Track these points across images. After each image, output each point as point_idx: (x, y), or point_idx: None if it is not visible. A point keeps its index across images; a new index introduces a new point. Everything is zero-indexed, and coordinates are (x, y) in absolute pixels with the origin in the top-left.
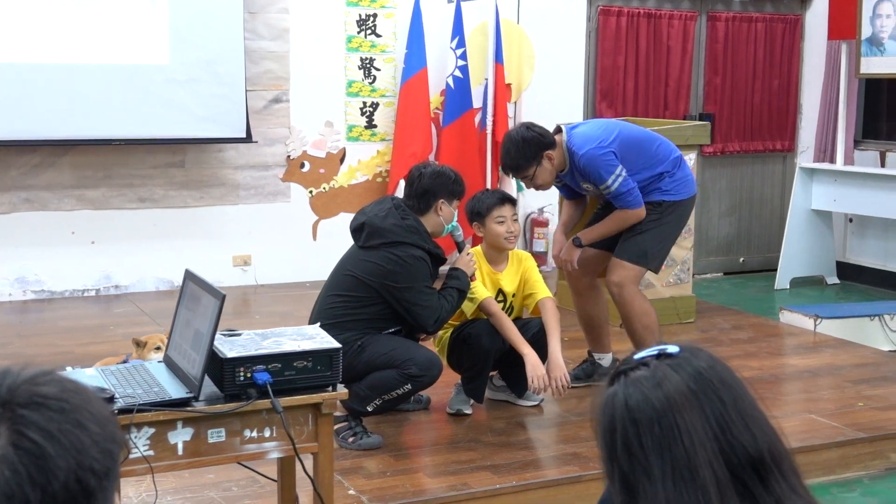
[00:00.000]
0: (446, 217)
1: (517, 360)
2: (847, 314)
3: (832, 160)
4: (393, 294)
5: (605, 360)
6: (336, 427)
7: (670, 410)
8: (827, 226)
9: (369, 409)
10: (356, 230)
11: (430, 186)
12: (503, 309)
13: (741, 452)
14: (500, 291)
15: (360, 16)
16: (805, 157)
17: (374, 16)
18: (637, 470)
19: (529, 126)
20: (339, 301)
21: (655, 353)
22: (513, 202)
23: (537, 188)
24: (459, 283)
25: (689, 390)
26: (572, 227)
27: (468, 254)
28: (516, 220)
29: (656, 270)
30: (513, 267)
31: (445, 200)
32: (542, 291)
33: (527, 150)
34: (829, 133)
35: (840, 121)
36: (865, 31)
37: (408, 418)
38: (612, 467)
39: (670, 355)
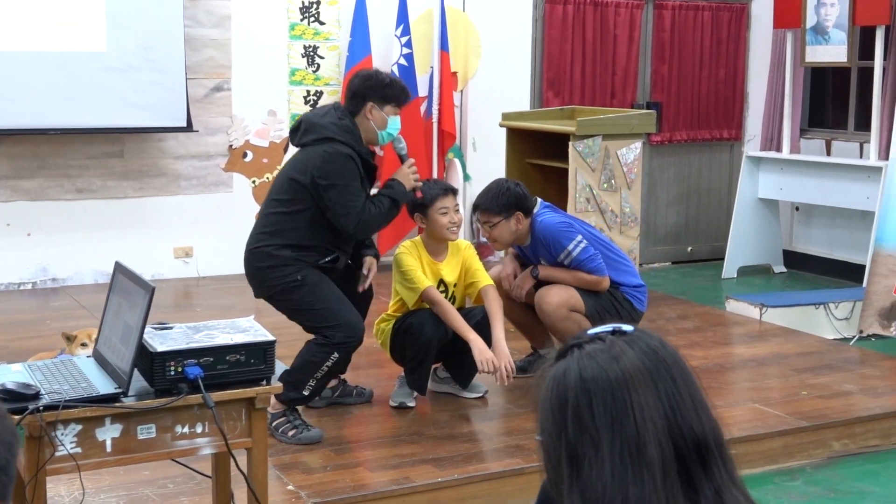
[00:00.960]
0: (377, 122)
1: (460, 350)
2: (793, 303)
3: (779, 149)
4: (320, 192)
5: (551, 353)
6: (275, 423)
7: (625, 384)
8: (774, 214)
9: (305, 392)
10: (294, 129)
11: (358, 89)
12: (447, 295)
13: (688, 434)
14: (442, 282)
15: (303, 3)
16: (752, 145)
17: (318, 3)
18: (585, 442)
19: (520, 184)
20: (278, 207)
21: (610, 329)
22: (455, 192)
23: (491, 241)
24: (393, 193)
25: (644, 367)
26: (517, 267)
27: (410, 167)
28: (458, 210)
29: (587, 315)
30: (453, 257)
31: (376, 105)
32: (484, 279)
33: (505, 199)
34: (775, 122)
35: (786, 109)
36: (810, 20)
37: (350, 412)
38: (557, 445)
39: (625, 332)
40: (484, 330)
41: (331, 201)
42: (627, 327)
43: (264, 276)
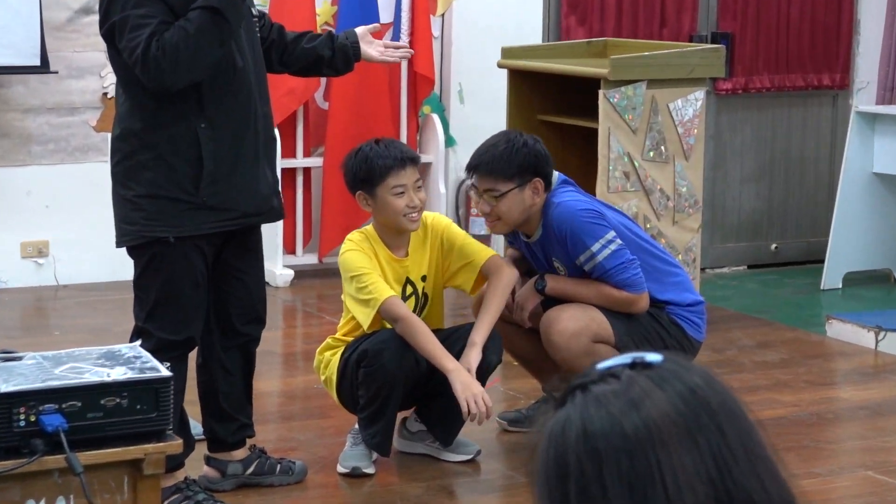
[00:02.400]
0: None
1: (440, 390)
2: None
3: (892, 101)
4: (118, 45)
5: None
6: (171, 499)
7: (649, 441)
8: (895, 197)
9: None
10: None
11: None
12: (413, 308)
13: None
14: (408, 281)
15: None
16: (864, 96)
17: None
18: None
19: (539, 140)
20: (118, 87)
21: (629, 361)
22: (415, 162)
23: (492, 219)
24: (208, 0)
25: (677, 414)
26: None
27: None
28: (421, 187)
29: (617, 347)
30: (421, 244)
31: None
32: (483, 252)
33: (521, 159)
34: None
35: None
36: None
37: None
38: None
39: (650, 365)
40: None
41: (122, 48)
42: (653, 357)
43: None
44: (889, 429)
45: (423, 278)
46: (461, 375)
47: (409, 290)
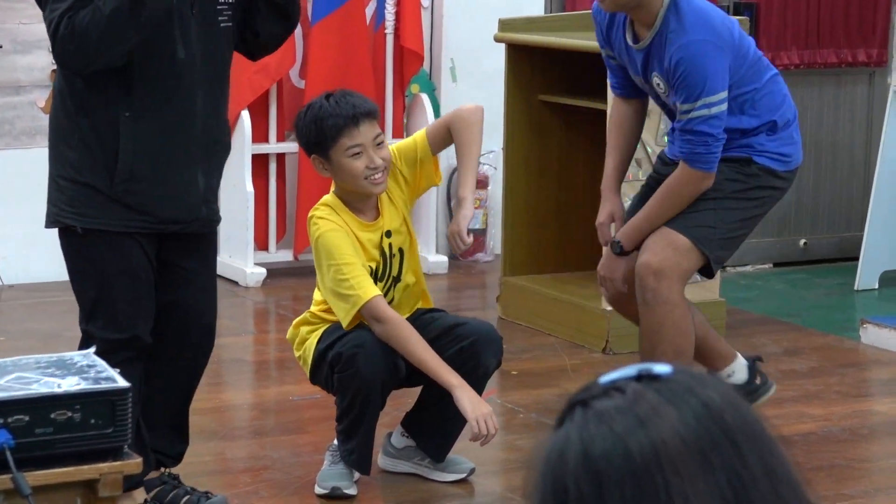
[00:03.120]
0: None
1: (431, 399)
2: None
3: None
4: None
5: (738, 371)
6: (152, 494)
7: (657, 464)
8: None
9: None
10: None
11: None
12: (393, 267)
13: None
14: (388, 234)
15: None
16: None
17: None
18: None
19: None
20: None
21: (634, 373)
22: (372, 116)
23: None
24: None
25: (690, 432)
26: (625, 153)
27: None
28: (381, 143)
29: (713, 271)
30: (391, 200)
31: None
32: (420, 134)
33: None
34: None
35: None
36: None
37: (250, 503)
38: None
39: (658, 377)
40: (463, 365)
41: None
42: (662, 369)
43: None
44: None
45: (389, 234)
46: (468, 392)
47: (393, 251)
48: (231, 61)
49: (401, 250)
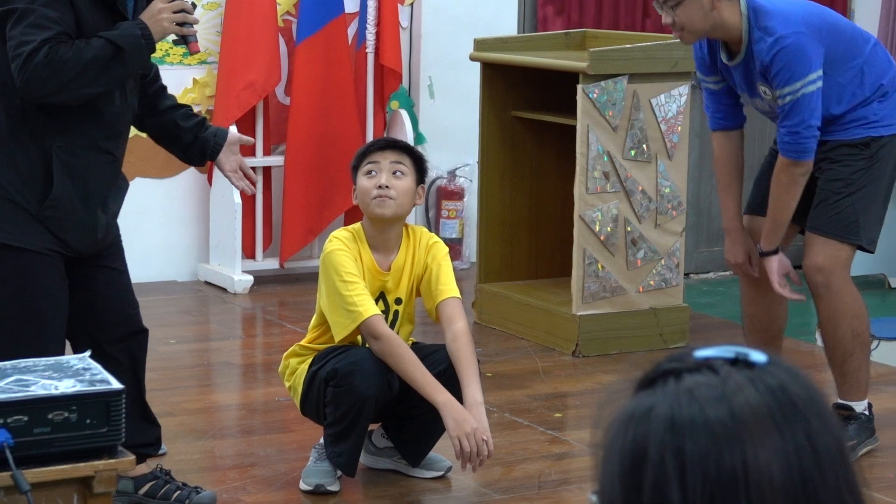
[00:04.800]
0: None
1: (412, 412)
2: None
3: None
4: (6, 31)
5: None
6: (144, 490)
7: (738, 439)
8: (892, 196)
9: None
10: None
11: None
12: (388, 318)
13: None
14: (382, 296)
15: None
16: None
17: None
18: None
19: None
20: None
21: (731, 355)
22: (402, 149)
23: (677, 32)
24: (115, 35)
25: (773, 422)
26: (739, 187)
27: (173, 0)
28: (401, 174)
29: (872, 248)
30: (407, 257)
31: None
32: (448, 289)
33: None
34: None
35: None
36: None
37: (238, 498)
38: None
39: (752, 364)
40: (451, 385)
41: (9, 39)
42: (758, 357)
43: None
44: (883, 445)
45: (398, 301)
46: (453, 410)
47: (381, 305)
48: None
49: (396, 313)
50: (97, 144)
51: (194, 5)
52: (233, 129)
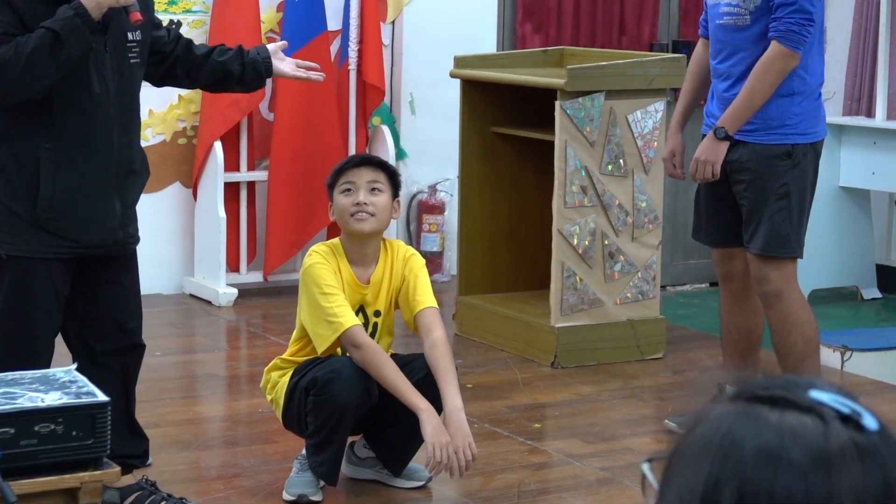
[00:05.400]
0: None
1: (392, 420)
2: (890, 344)
3: (870, 113)
4: None
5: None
6: (130, 500)
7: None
8: (863, 212)
9: None
10: None
11: None
12: (367, 329)
13: None
14: (361, 309)
15: None
16: (830, 107)
17: None
18: None
19: None
20: None
21: (846, 410)
22: (376, 165)
23: None
24: (53, 22)
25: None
26: (689, 115)
27: None
28: (378, 191)
29: (801, 253)
30: (385, 270)
31: None
32: (426, 300)
33: None
34: (865, 73)
35: (881, 57)
36: None
37: None
38: None
39: (863, 429)
40: (430, 392)
41: None
42: (870, 422)
43: None
44: None
45: (377, 313)
46: (433, 418)
47: (361, 318)
48: (139, 94)
49: (375, 325)
50: (86, 135)
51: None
52: (270, 46)
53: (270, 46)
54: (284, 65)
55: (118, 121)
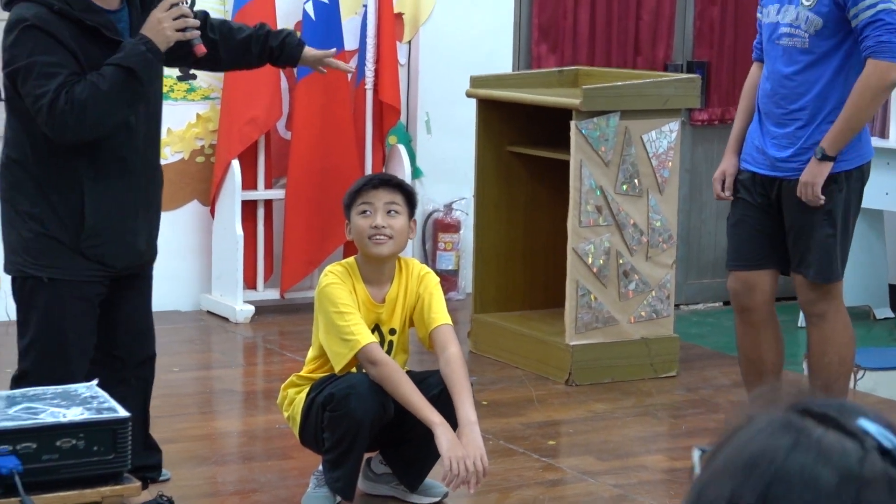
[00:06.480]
0: None
1: (408, 436)
2: None
3: (883, 134)
4: (19, 89)
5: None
6: None
7: None
8: (876, 232)
9: None
10: None
11: None
12: (383, 346)
13: None
14: (377, 328)
15: None
16: None
17: None
18: None
19: None
20: (8, 116)
21: (889, 443)
22: (393, 187)
23: None
24: (122, 58)
25: None
26: (750, 114)
27: (168, 9)
28: (395, 213)
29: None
30: (400, 289)
31: None
32: (440, 317)
33: None
34: None
35: None
36: None
37: None
38: None
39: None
40: (445, 408)
41: (25, 97)
42: None
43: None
44: None
45: (392, 331)
46: (448, 433)
47: (376, 336)
48: (161, 116)
49: (391, 343)
50: (121, 164)
51: (196, 15)
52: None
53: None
54: (310, 58)
55: (147, 145)
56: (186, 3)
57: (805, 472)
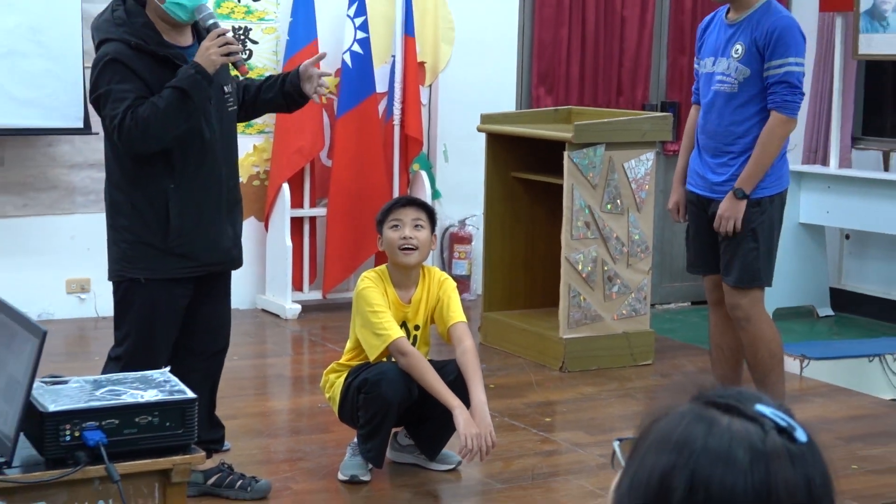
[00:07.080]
0: None
1: (429, 415)
2: (841, 354)
3: (825, 162)
4: (100, 113)
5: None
6: (212, 480)
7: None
8: (818, 244)
9: None
10: None
11: None
12: (409, 339)
13: None
14: (404, 324)
15: None
16: (791, 158)
17: None
18: None
19: None
20: (105, 144)
21: (784, 424)
22: (418, 206)
23: None
24: (176, 81)
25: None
26: (690, 151)
27: (215, 38)
28: (420, 227)
29: (770, 282)
30: (424, 292)
31: None
32: (456, 315)
33: None
34: (820, 128)
35: (834, 113)
36: (865, 3)
37: (288, 486)
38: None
39: (794, 440)
40: (460, 391)
41: (103, 119)
42: (801, 435)
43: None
44: None
45: (417, 327)
46: (464, 413)
47: (404, 331)
48: (237, 136)
49: (415, 337)
50: (201, 174)
51: (243, 43)
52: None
53: (304, 64)
54: (309, 85)
55: (224, 159)
56: (232, 34)
57: (722, 453)
